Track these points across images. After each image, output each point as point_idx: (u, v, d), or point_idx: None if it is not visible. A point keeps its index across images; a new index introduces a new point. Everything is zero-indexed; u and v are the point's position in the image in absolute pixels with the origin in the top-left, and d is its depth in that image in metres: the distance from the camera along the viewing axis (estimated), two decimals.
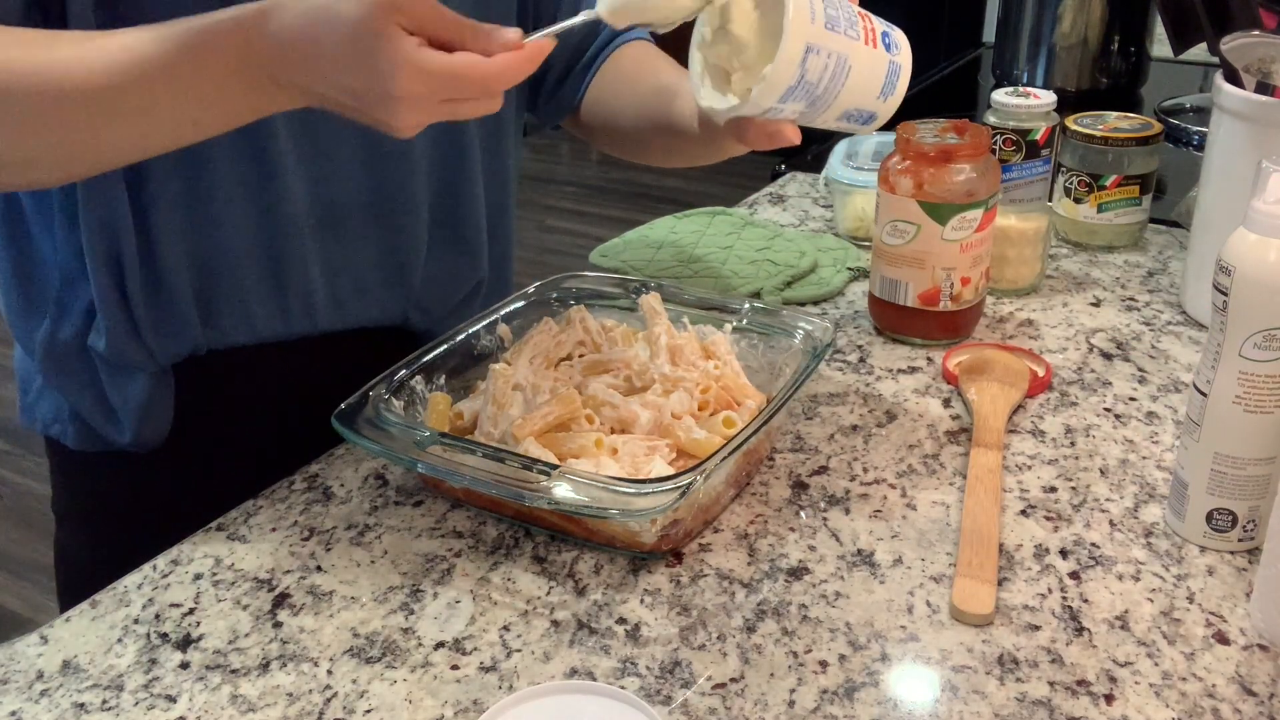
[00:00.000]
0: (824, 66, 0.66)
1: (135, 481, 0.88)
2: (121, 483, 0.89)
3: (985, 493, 0.75)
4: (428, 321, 0.93)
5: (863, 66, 0.69)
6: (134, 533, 0.81)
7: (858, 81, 0.69)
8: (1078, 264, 1.11)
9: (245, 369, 0.86)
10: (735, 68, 0.71)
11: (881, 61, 0.70)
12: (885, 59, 0.70)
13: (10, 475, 2.68)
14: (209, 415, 0.87)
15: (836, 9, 0.67)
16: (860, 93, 0.70)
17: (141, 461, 0.86)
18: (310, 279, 0.85)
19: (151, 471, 0.87)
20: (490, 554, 0.72)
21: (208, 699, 0.62)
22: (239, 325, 0.84)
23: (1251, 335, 0.65)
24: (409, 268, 0.90)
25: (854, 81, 0.69)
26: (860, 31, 0.68)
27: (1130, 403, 0.87)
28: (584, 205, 4.22)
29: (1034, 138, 1.06)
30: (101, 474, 0.89)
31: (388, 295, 0.90)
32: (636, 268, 1.11)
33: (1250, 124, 0.90)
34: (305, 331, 0.86)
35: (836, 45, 0.67)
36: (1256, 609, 0.65)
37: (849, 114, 0.71)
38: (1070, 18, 1.63)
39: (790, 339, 0.83)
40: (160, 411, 0.85)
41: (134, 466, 0.87)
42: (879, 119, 0.73)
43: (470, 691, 0.62)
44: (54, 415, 0.88)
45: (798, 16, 0.64)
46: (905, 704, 0.60)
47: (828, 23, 0.66)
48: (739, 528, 0.74)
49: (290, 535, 0.75)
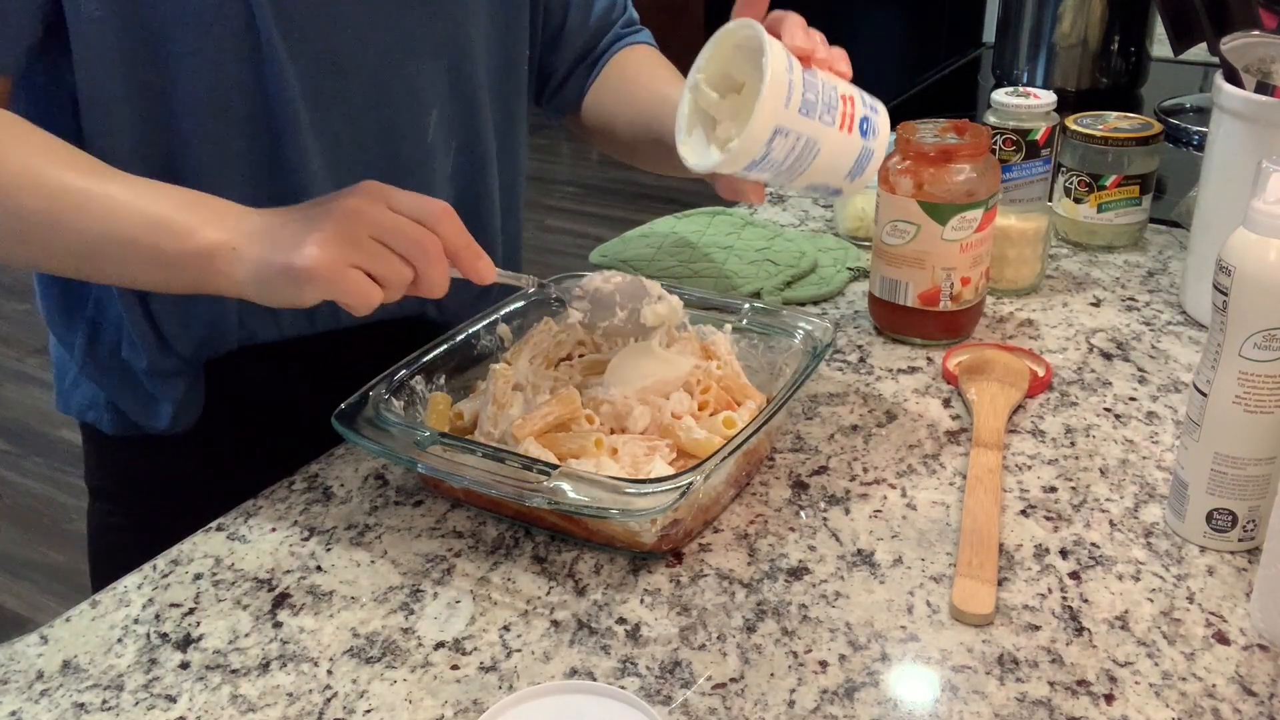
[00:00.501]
0: (791, 147, 0.69)
1: (167, 463, 0.92)
2: (153, 464, 0.93)
3: (985, 493, 0.75)
4: (445, 315, 0.95)
5: (832, 150, 0.71)
6: (165, 510, 0.84)
7: (826, 163, 0.71)
8: (1078, 264, 1.11)
9: (274, 361, 0.90)
10: (722, 117, 0.73)
11: (853, 147, 0.72)
12: (858, 145, 0.72)
13: (10, 475, 2.68)
14: (240, 403, 0.90)
15: (816, 94, 0.69)
16: (827, 172, 0.72)
17: (173, 445, 0.90)
18: None
19: (183, 454, 0.91)
20: (490, 554, 0.72)
21: (208, 699, 0.62)
22: (266, 326, 0.87)
23: (1251, 335, 0.64)
24: None
25: (822, 163, 0.71)
26: (837, 117, 0.70)
27: (1130, 403, 0.87)
28: (584, 205, 4.22)
29: (1034, 138, 1.06)
30: (134, 455, 0.93)
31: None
32: (636, 268, 1.11)
33: (1250, 124, 0.90)
34: (330, 328, 0.90)
35: (807, 130, 0.69)
36: (1256, 609, 0.65)
37: (815, 187, 0.74)
38: (1070, 18, 1.63)
39: (790, 339, 0.83)
40: (194, 401, 0.89)
41: (166, 449, 0.90)
42: (845, 195, 0.76)
43: (470, 691, 0.62)
44: (89, 403, 0.91)
45: (771, 100, 0.66)
46: (905, 704, 0.60)
47: (802, 107, 0.68)
48: (739, 528, 0.74)
49: (290, 535, 0.75)
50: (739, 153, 0.68)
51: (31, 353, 3.21)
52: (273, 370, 0.90)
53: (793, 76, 0.67)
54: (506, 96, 0.94)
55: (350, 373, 0.80)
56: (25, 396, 3.01)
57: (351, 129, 0.84)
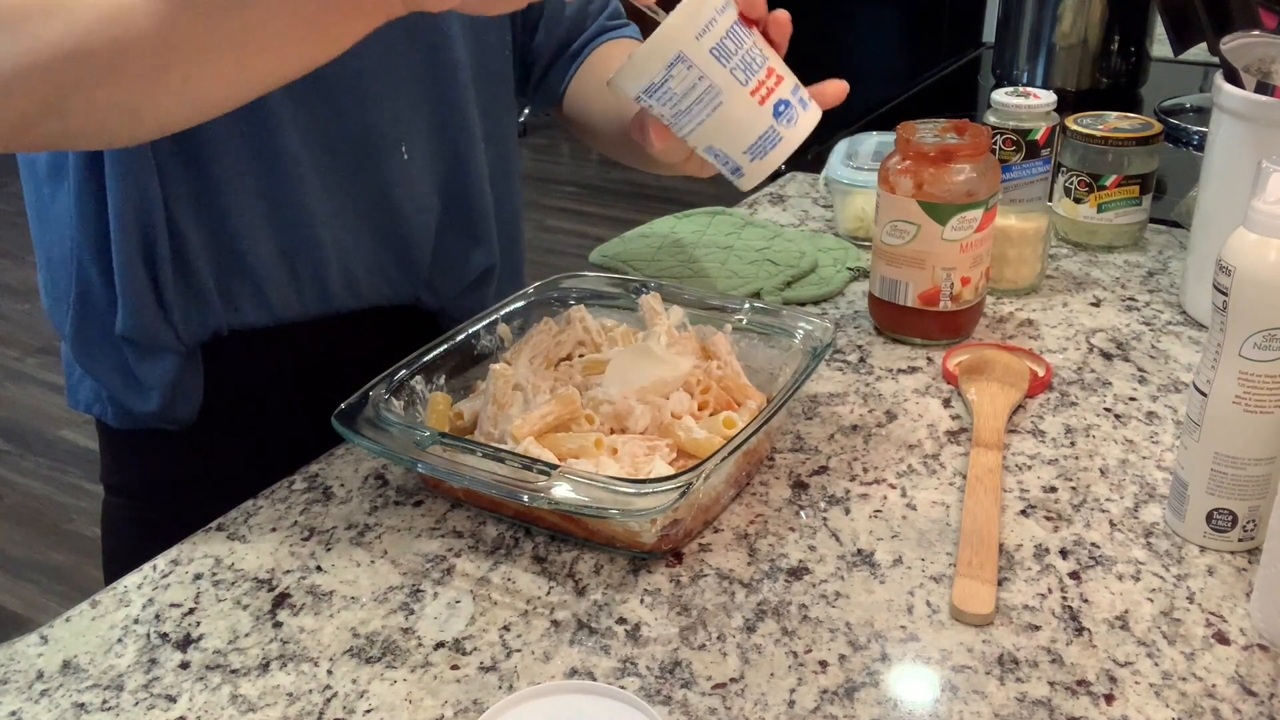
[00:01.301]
0: (690, 85, 0.67)
1: (175, 456, 0.93)
2: (161, 457, 0.93)
3: (985, 493, 0.75)
4: (440, 302, 0.96)
5: (735, 111, 0.69)
6: (176, 503, 0.86)
7: (725, 123, 0.69)
8: (1078, 264, 1.11)
9: (270, 348, 0.90)
10: None
11: (760, 120, 0.70)
12: (766, 121, 0.70)
13: (10, 475, 2.68)
14: (238, 393, 0.91)
15: (738, 46, 0.67)
16: (726, 136, 0.70)
17: (178, 438, 0.90)
18: (322, 263, 0.88)
19: (189, 447, 0.91)
20: (490, 554, 0.72)
21: (208, 699, 0.62)
22: (257, 308, 0.87)
23: (1251, 335, 0.64)
24: (417, 251, 0.93)
25: (721, 119, 0.69)
26: (752, 81, 0.68)
27: (1130, 403, 0.87)
28: (584, 205, 4.22)
29: (1034, 138, 1.06)
30: (143, 449, 0.94)
31: (399, 277, 0.93)
32: (636, 268, 1.11)
33: (1250, 124, 0.90)
34: (321, 312, 0.90)
35: (713, 74, 0.67)
36: (1256, 609, 0.65)
37: (714, 151, 0.72)
38: (1070, 18, 1.63)
39: (790, 339, 0.83)
40: (189, 390, 0.88)
41: (172, 442, 0.91)
42: (745, 176, 0.72)
43: (470, 691, 0.62)
44: (94, 397, 0.92)
45: (683, 22, 0.65)
46: (905, 704, 0.60)
47: (715, 49, 0.67)
48: (739, 528, 0.74)
49: (290, 535, 0.75)
50: (637, 64, 0.67)
51: (31, 353, 3.21)
52: (271, 358, 0.90)
53: (719, 17, 0.66)
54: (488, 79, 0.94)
55: (349, 361, 0.80)
56: (25, 396, 3.01)
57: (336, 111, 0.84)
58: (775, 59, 0.71)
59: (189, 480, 0.92)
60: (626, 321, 0.87)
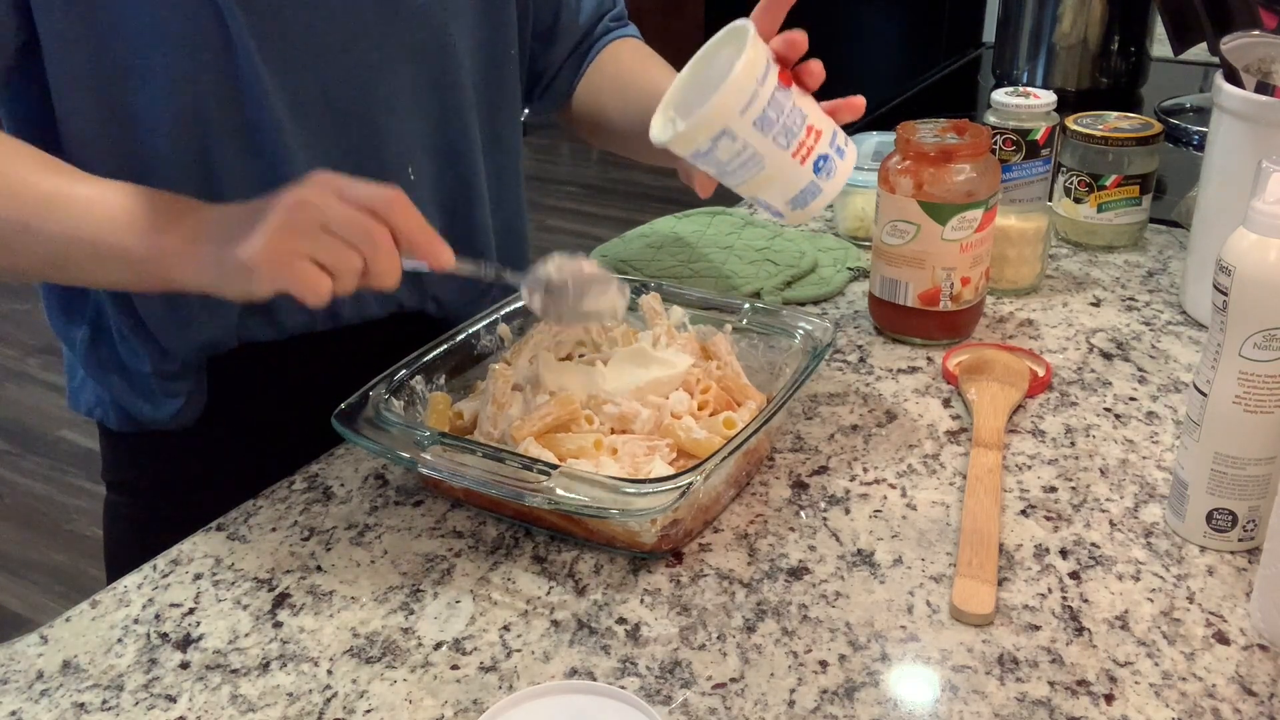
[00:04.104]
0: (736, 153, 0.70)
1: (176, 456, 0.93)
2: (162, 457, 0.94)
3: (985, 493, 0.75)
4: (444, 311, 0.96)
5: (777, 172, 0.71)
6: (176, 502, 0.86)
7: (769, 182, 0.72)
8: (1078, 264, 1.11)
9: (276, 359, 0.90)
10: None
11: (801, 177, 0.72)
12: (807, 178, 0.72)
13: (10, 475, 2.68)
14: (243, 399, 0.91)
15: (779, 114, 0.69)
16: (769, 191, 0.73)
17: (180, 438, 0.91)
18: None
19: (190, 447, 0.92)
20: (490, 554, 0.72)
21: (208, 699, 0.62)
22: (266, 325, 0.88)
23: (1251, 335, 0.64)
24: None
25: (765, 179, 0.72)
26: (794, 144, 0.71)
27: (1130, 403, 0.87)
28: (584, 205, 4.22)
29: (1034, 138, 1.06)
30: (144, 450, 0.94)
31: (404, 289, 0.93)
32: (636, 268, 1.11)
33: (1250, 124, 0.90)
34: (330, 326, 0.90)
35: (756, 143, 0.69)
36: (1256, 609, 0.65)
37: (757, 200, 0.75)
38: (1070, 18, 1.63)
39: (790, 339, 0.83)
40: (196, 398, 0.89)
41: (173, 443, 0.92)
42: (786, 219, 0.76)
43: (470, 691, 0.62)
44: (96, 401, 0.93)
45: (727, 101, 0.67)
46: (905, 704, 0.60)
47: (759, 121, 0.69)
48: (739, 528, 0.74)
49: (290, 535, 0.75)
50: (682, 138, 0.70)
51: (31, 353, 3.21)
52: (276, 368, 0.91)
53: (760, 89, 0.68)
54: (493, 94, 0.94)
55: (353, 368, 0.80)
56: (25, 396, 3.01)
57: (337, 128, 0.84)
58: (814, 111, 0.72)
59: (190, 480, 0.92)
60: (627, 321, 0.87)
